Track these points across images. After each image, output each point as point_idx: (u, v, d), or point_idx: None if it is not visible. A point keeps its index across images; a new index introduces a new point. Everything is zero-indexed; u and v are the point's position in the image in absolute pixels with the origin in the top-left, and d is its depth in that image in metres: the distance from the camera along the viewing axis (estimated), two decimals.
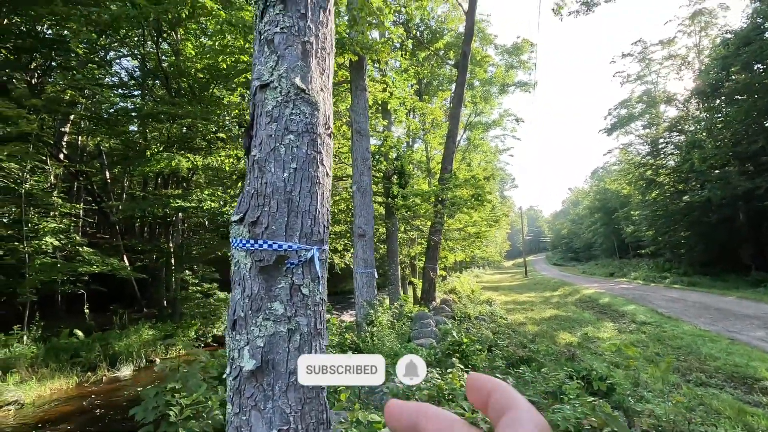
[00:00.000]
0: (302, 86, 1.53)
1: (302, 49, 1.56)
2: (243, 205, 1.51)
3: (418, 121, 18.03)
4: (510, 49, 25.74)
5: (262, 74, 1.53)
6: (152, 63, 15.66)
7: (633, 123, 33.42)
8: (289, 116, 1.51)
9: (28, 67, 14.66)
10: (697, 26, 29.18)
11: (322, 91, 1.62)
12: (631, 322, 12.06)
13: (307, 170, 1.52)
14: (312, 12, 1.61)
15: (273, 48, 1.54)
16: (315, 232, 1.53)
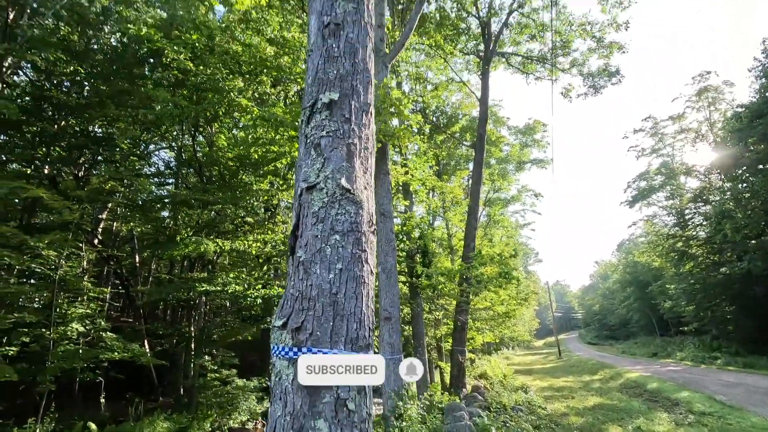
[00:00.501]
0: (347, 186, 1.55)
1: (347, 150, 1.61)
2: (286, 308, 1.45)
3: (438, 199, 18.35)
4: (523, 129, 26.85)
5: (308, 176, 1.57)
6: (187, 154, 16.86)
7: (654, 194, 33.19)
8: (335, 216, 1.51)
9: (77, 162, 15.98)
10: (704, 102, 30.10)
11: (365, 189, 1.64)
12: (688, 413, 10.77)
13: (352, 270, 1.48)
14: (355, 116, 1.69)
15: (320, 151, 1.59)
16: (361, 337, 1.44)
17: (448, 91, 19.62)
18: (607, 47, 17.92)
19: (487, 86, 17.49)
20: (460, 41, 18.19)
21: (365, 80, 1.78)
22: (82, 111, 14.64)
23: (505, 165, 26.10)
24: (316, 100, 1.67)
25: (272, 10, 10.49)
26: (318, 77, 1.72)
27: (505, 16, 17.71)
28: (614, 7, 16.74)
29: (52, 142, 15.42)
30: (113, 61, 15.15)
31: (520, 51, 19.52)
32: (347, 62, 1.73)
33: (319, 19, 1.82)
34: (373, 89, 1.83)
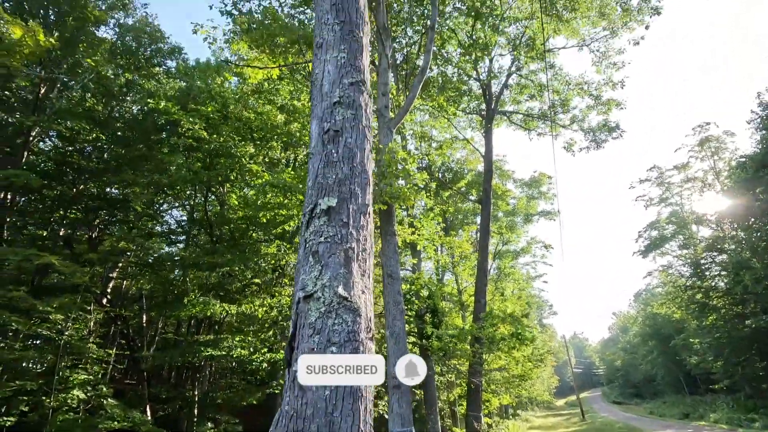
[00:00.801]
0: (345, 294, 1.55)
1: (345, 256, 1.64)
2: (280, 427, 1.40)
3: (447, 255, 18.22)
4: (528, 182, 27.18)
5: (306, 284, 1.58)
6: (199, 213, 17.23)
7: (667, 244, 32.68)
8: (332, 327, 1.50)
9: (92, 224, 16.39)
10: (707, 151, 30.45)
11: (363, 293, 1.64)
12: None
13: (349, 384, 1.44)
14: (353, 219, 1.73)
15: (318, 258, 1.61)
16: None
17: (452, 148, 20.18)
18: (605, 104, 18.52)
19: (491, 143, 17.98)
20: (462, 101, 18.97)
21: (363, 182, 1.85)
22: (100, 175, 15.27)
23: (513, 217, 26.14)
24: (315, 205, 1.73)
25: (283, 81, 11.15)
26: (318, 181, 1.79)
27: (505, 78, 18.57)
28: (608, 68, 17.51)
29: (69, 205, 15.93)
30: (133, 127, 16.02)
31: (520, 109, 20.24)
32: (345, 167, 1.81)
33: (319, 125, 1.93)
34: (371, 189, 1.89)
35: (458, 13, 15.48)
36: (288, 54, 8.72)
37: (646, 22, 15.80)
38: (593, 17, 15.99)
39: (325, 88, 2.01)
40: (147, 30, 17.11)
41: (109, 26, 16.78)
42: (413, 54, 16.18)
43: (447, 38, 15.66)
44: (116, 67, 16.28)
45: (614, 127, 18.78)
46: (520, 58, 17.36)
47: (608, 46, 17.09)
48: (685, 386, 38.08)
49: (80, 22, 14.25)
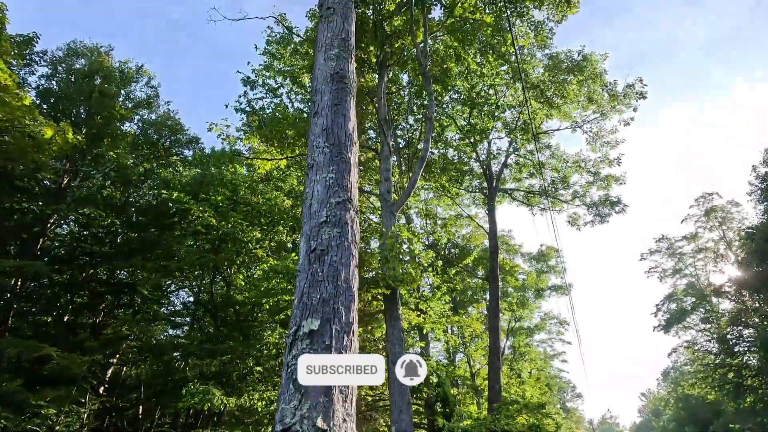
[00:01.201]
0: (323, 427, 1.52)
1: None
2: None
3: (457, 335, 17.58)
4: (536, 256, 26.99)
5: (284, 416, 1.56)
6: (205, 295, 17.15)
7: (688, 317, 31.27)
8: None
9: (97, 309, 16.32)
10: (715, 221, 30.39)
11: (344, 421, 1.60)
12: None
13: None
14: (336, 340, 1.75)
15: (297, 386, 1.61)
16: None
17: (457, 225, 20.43)
18: (604, 180, 18.96)
19: (495, 220, 18.19)
20: (464, 181, 19.60)
21: (348, 300, 1.89)
22: (111, 259, 15.53)
23: (524, 293, 25.54)
24: (298, 327, 1.76)
25: (291, 168, 11.75)
26: (303, 301, 1.84)
27: (503, 158, 19.35)
28: (603, 146, 18.26)
29: (77, 290, 16.02)
30: (146, 213, 16.64)
31: (521, 186, 20.78)
32: (330, 285, 1.87)
33: (307, 243, 2.04)
34: (355, 306, 1.93)
35: (455, 102, 16.65)
36: (295, 146, 9.32)
37: (634, 105, 16.79)
38: (582, 102, 17.05)
39: (313, 207, 2.15)
40: (168, 123, 18.53)
41: (133, 121, 18.22)
42: (415, 139, 17.12)
43: (446, 125, 16.68)
44: (137, 157, 17.38)
45: (616, 201, 19.03)
46: (517, 140, 18.24)
47: (600, 127, 17.98)
48: None
49: (107, 120, 15.53)
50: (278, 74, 11.75)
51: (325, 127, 2.41)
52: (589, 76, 16.10)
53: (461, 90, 15.13)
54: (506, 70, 14.97)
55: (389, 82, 13.54)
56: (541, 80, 15.95)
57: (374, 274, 8.31)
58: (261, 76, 11.58)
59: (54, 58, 16.62)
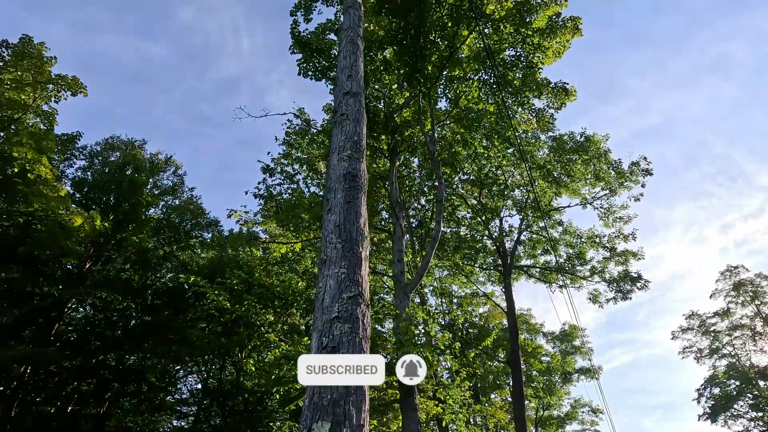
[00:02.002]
0: None
1: None
2: None
3: (480, 426, 16.23)
4: (560, 335, 25.72)
5: None
6: (214, 382, 16.50)
7: (736, 404, 28.42)
8: None
9: (102, 397, 15.76)
10: (746, 296, 28.97)
11: None
12: None
13: None
14: None
15: None
16: None
17: (473, 304, 19.92)
18: (621, 255, 18.65)
19: (512, 297, 17.71)
20: (478, 258, 19.51)
21: (359, 400, 1.87)
22: (121, 344, 15.33)
23: (550, 377, 23.88)
24: (309, 430, 1.73)
25: (305, 251, 11.97)
26: (314, 402, 1.82)
27: (516, 235, 19.39)
28: (616, 222, 18.26)
29: (85, 378, 15.64)
30: (162, 295, 16.76)
31: (537, 263, 20.52)
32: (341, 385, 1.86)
33: (318, 339, 2.07)
34: (367, 407, 1.90)
35: (465, 183, 17.23)
36: (310, 230, 9.61)
37: (641, 181, 17.10)
38: (590, 180, 17.46)
39: (326, 302, 2.21)
40: (191, 208, 19.43)
41: (158, 207, 19.20)
42: (427, 219, 17.47)
43: (457, 204, 17.10)
44: (158, 240, 18.00)
45: (636, 277, 18.51)
46: (528, 217, 18.44)
47: (611, 203, 18.15)
48: None
49: (134, 206, 16.41)
50: (296, 161, 12.55)
51: (338, 224, 2.56)
52: (593, 155, 16.69)
53: (470, 171, 15.74)
54: (512, 152, 15.67)
55: (401, 166, 14.25)
56: (547, 161, 16.57)
57: (389, 359, 8.00)
58: (279, 164, 12.38)
59: (92, 151, 18.13)
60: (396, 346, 8.20)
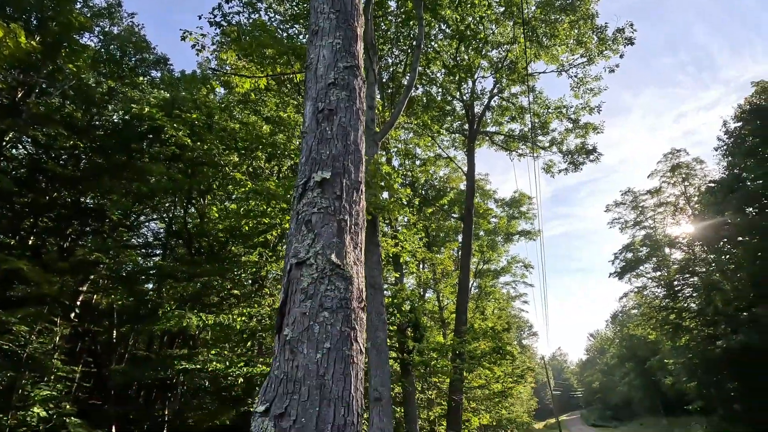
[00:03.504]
0: (337, 262, 1.55)
1: (338, 226, 1.64)
2: (269, 392, 1.36)
3: (429, 271, 18.26)
4: (509, 201, 27.72)
5: (298, 251, 1.57)
6: (178, 225, 16.85)
7: (642, 266, 33.50)
8: (324, 293, 1.49)
9: (63, 233, 15.80)
10: (678, 177, 31.75)
11: (355, 264, 1.64)
12: None
13: (340, 350, 1.43)
14: (347, 193, 1.74)
15: (310, 227, 1.61)
16: (348, 423, 1.34)
17: (435, 166, 20.49)
18: (583, 128, 19.21)
19: (473, 162, 18.32)
20: (446, 121, 19.40)
21: (356, 160, 1.87)
22: (76, 183, 14.83)
23: (494, 237, 26.45)
24: (308, 178, 1.74)
25: (269, 93, 11.21)
26: (311, 157, 1.80)
27: (487, 99, 19.13)
28: (586, 93, 18.28)
29: (40, 213, 15.36)
30: (112, 136, 15.70)
31: (502, 130, 20.80)
32: (339, 144, 1.83)
33: (314, 105, 1.96)
34: (364, 168, 1.92)
35: (443, 36, 16.00)
36: (276, 65, 8.81)
37: (621, 51, 16.63)
38: (571, 44, 16.74)
39: (320, 71, 2.05)
40: (132, 39, 17.04)
41: (94, 34, 16.64)
42: (399, 73, 16.54)
43: (432, 59, 16.13)
44: (98, 75, 16.08)
45: (591, 150, 19.45)
46: (502, 81, 17.97)
47: (585, 73, 17.86)
48: (662, 408, 38.52)
49: (64, 28, 14.08)
50: None
51: None
52: (581, 16, 15.68)
53: (450, 20, 14.48)
54: (499, 1, 14.39)
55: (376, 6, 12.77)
56: (534, 17, 15.45)
57: None
58: None
59: None
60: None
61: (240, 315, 9.77)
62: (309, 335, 1.40)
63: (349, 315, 1.50)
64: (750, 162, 18.95)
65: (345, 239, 1.64)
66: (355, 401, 1.39)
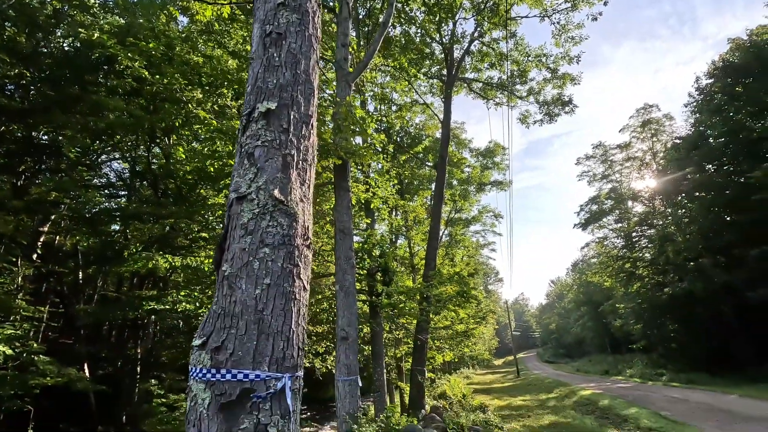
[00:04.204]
0: (281, 197, 1.49)
1: (282, 161, 1.55)
2: (207, 327, 1.35)
3: (401, 218, 18.46)
4: (483, 151, 27.78)
5: (239, 186, 1.49)
6: (142, 166, 16.11)
7: (605, 218, 34.96)
8: (266, 229, 1.43)
9: (16, 170, 14.86)
10: (648, 133, 32.42)
11: (302, 201, 1.58)
12: (636, 429, 11.15)
13: (281, 285, 1.40)
14: (294, 127, 1.64)
15: (253, 161, 1.52)
16: (288, 356, 1.36)
17: (411, 112, 20.04)
18: (561, 78, 19.00)
19: (450, 109, 18.02)
20: (424, 65, 18.74)
21: (307, 91, 1.75)
22: (25, 116, 13.72)
23: (467, 186, 26.74)
24: (253, 109, 1.62)
25: (236, 24, 10.39)
26: (257, 86, 1.67)
27: (467, 43, 18.46)
28: (567, 42, 17.86)
29: None
30: (63, 65, 14.37)
31: (480, 77, 20.33)
32: (288, 72, 1.69)
33: (261, 27, 1.78)
34: (315, 101, 1.80)
35: None
36: None
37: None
38: None
39: None
40: None
41: None
42: (376, 9, 15.60)
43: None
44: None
45: (567, 101, 19.41)
46: (484, 24, 17.29)
47: (568, 19, 17.35)
48: (609, 347, 42.17)
49: None
50: None
51: None
52: None
53: None
54: None
55: None
56: None
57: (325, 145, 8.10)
58: None
59: None
60: (334, 132, 8.23)
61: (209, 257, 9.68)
62: (248, 271, 1.37)
63: (292, 252, 1.46)
64: (716, 119, 19.44)
65: (291, 175, 1.56)
66: (295, 335, 1.40)
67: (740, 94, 18.56)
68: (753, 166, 17.39)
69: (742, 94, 18.42)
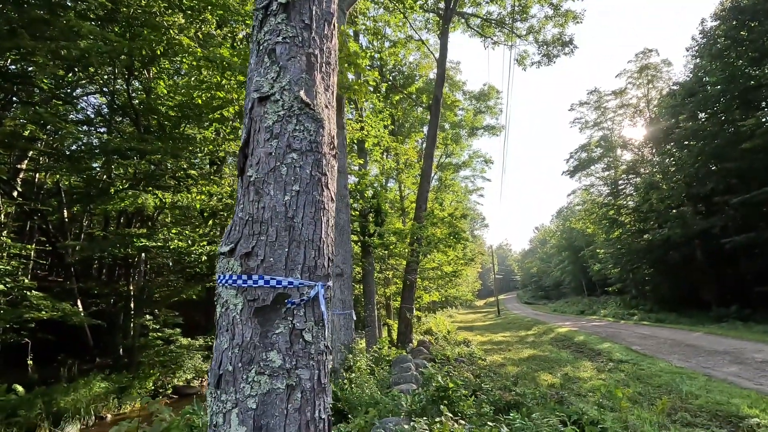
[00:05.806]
0: (307, 100, 1.37)
1: (307, 61, 1.41)
2: (234, 233, 1.28)
3: (393, 160, 18.24)
4: (477, 95, 27.06)
5: (261, 86, 1.36)
6: (122, 100, 15.26)
7: (593, 166, 35.20)
8: (292, 133, 1.33)
9: None
10: (644, 79, 31.78)
11: (326, 108, 1.46)
12: (608, 361, 11.98)
13: (311, 193, 1.33)
14: (317, 24, 1.48)
15: (274, 58, 1.38)
16: (320, 266, 1.31)
17: (406, 49, 19.09)
18: (563, 16, 18.14)
19: (446, 46, 17.19)
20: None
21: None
22: None
23: (459, 130, 26.33)
24: (270, 1, 1.44)
25: None
26: None
27: None
28: None
29: None
30: None
31: (479, 13, 19.27)
32: None
33: None
34: (336, 2, 1.62)
35: None
36: None
37: None
38: None
39: None
40: None
41: None
42: None
43: None
44: None
45: (568, 41, 18.69)
46: None
47: None
48: (586, 289, 44.33)
49: None
50: None
51: None
52: None
53: None
54: None
55: None
56: None
57: None
58: None
59: None
60: None
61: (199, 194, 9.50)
62: (276, 176, 1.28)
63: (320, 159, 1.37)
64: (716, 65, 19.04)
65: (315, 78, 1.43)
66: (326, 245, 1.35)
67: (743, 39, 18.06)
68: (746, 115, 17.36)
69: (745, 39, 17.93)
